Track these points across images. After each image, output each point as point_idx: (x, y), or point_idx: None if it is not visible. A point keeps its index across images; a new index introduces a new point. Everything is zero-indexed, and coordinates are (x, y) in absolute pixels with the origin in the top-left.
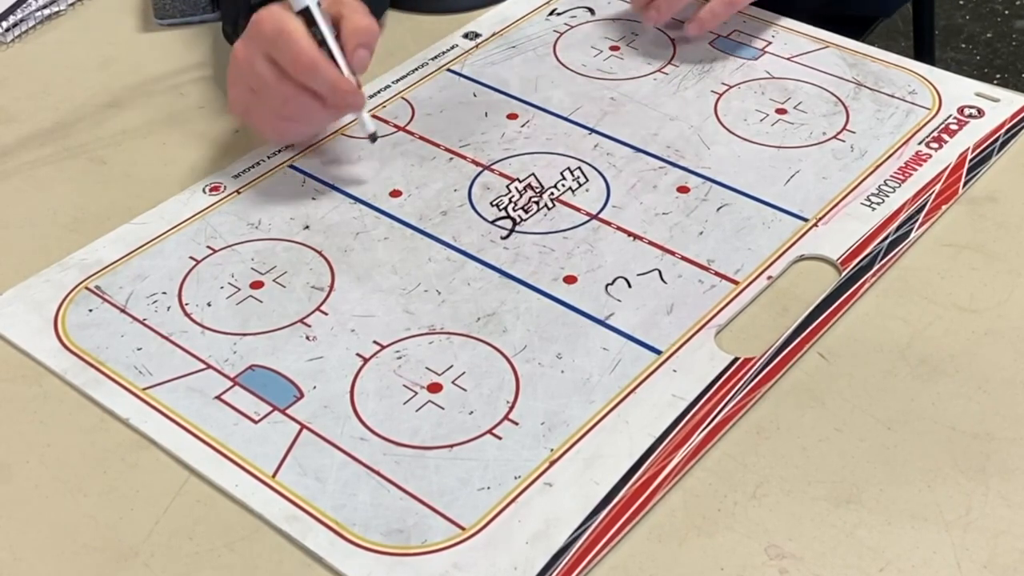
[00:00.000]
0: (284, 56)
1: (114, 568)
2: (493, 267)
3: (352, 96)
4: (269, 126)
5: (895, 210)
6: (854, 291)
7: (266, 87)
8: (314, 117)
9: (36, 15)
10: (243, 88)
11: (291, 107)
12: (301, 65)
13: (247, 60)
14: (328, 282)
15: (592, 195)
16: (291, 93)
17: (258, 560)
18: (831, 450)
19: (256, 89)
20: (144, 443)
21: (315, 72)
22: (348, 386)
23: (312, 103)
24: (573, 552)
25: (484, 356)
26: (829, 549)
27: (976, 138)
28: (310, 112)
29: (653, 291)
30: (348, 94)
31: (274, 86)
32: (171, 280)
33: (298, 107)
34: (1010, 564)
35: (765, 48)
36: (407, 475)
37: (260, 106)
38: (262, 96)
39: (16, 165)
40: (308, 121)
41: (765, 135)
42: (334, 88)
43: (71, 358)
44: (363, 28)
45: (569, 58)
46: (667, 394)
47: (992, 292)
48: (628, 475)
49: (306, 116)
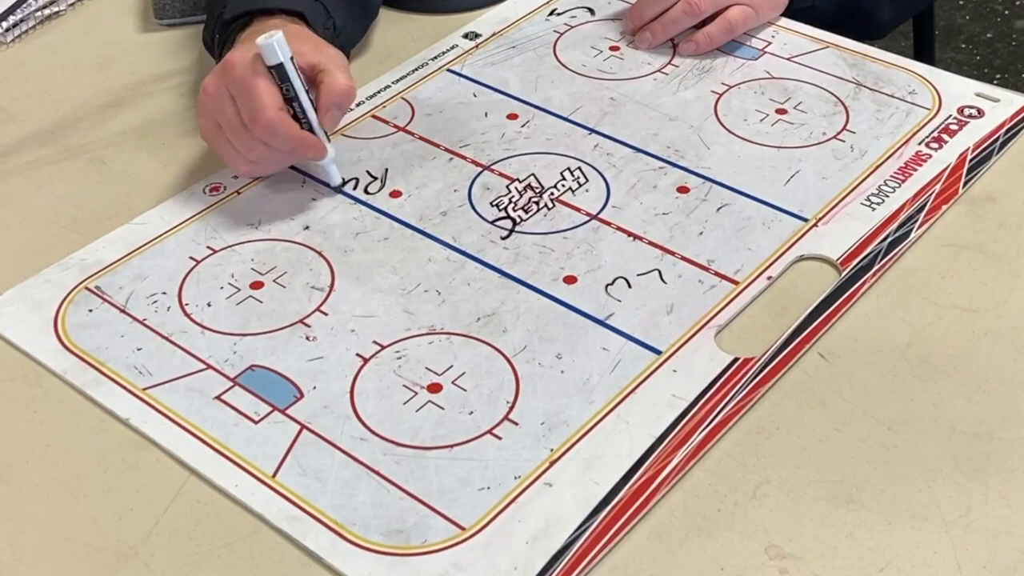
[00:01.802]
0: (246, 111)
1: (114, 568)
2: (493, 267)
3: (313, 152)
4: (233, 163)
5: (895, 210)
6: (854, 291)
7: (231, 130)
8: (274, 164)
9: (36, 15)
10: (211, 121)
11: (253, 154)
12: (260, 125)
13: (215, 98)
14: (328, 282)
15: (592, 195)
16: (253, 143)
17: (258, 560)
18: (831, 450)
19: (223, 127)
20: (144, 443)
21: (273, 134)
22: (348, 386)
23: (272, 153)
24: (573, 552)
25: (484, 356)
26: (829, 549)
27: (976, 138)
28: (270, 160)
29: (653, 291)
30: (309, 150)
31: (238, 132)
32: (171, 280)
33: (260, 155)
34: (1010, 564)
35: (765, 48)
36: (407, 475)
37: (225, 143)
38: (228, 135)
39: (16, 165)
40: (269, 167)
41: (765, 135)
42: (294, 147)
43: (71, 358)
44: (341, 90)
45: (569, 58)
46: (667, 394)
47: (992, 292)
48: (628, 475)
49: (267, 163)
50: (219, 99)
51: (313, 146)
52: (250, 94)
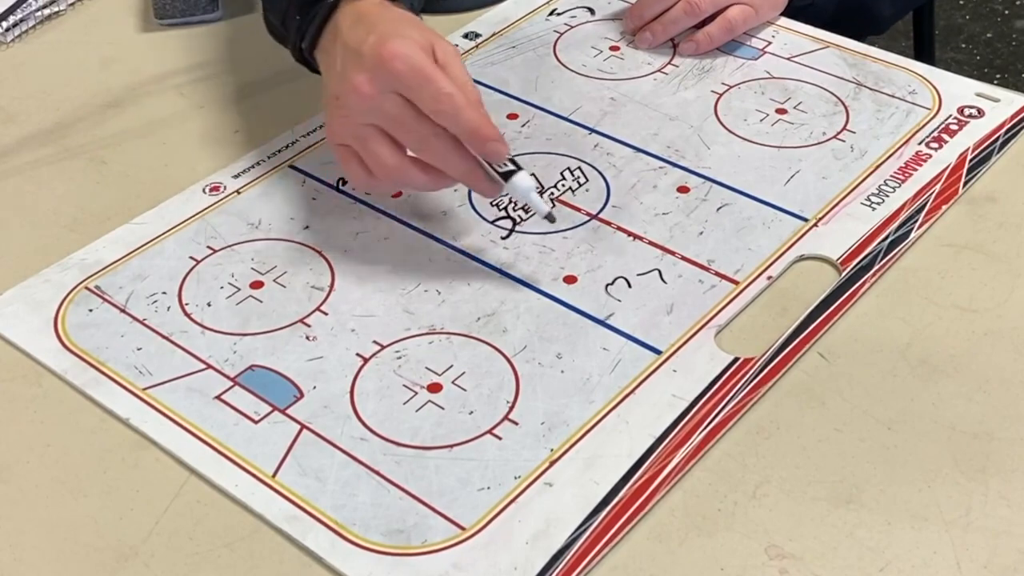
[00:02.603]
0: (425, 96)
1: (114, 568)
2: (493, 267)
3: (494, 144)
4: (392, 162)
5: (895, 210)
6: (854, 291)
7: (398, 125)
8: (449, 161)
9: (36, 15)
10: (358, 125)
11: (426, 148)
12: (444, 106)
13: (372, 96)
14: (328, 282)
15: (592, 195)
16: (429, 133)
17: (258, 560)
18: (831, 450)
19: (386, 127)
20: (144, 443)
21: (458, 115)
22: (348, 386)
23: (451, 145)
24: (573, 552)
25: (484, 356)
26: (829, 549)
27: (976, 138)
28: (446, 154)
29: (653, 291)
30: (490, 140)
31: (407, 125)
32: (171, 280)
33: (436, 149)
34: (1010, 564)
35: (765, 48)
36: (407, 475)
37: (383, 143)
38: (393, 133)
39: (16, 165)
40: (443, 164)
41: (765, 135)
42: (476, 132)
43: (71, 358)
44: (470, 83)
45: (569, 58)
46: (667, 394)
47: (992, 292)
48: (628, 475)
49: (442, 159)
50: (380, 96)
51: (491, 134)
52: (432, 78)
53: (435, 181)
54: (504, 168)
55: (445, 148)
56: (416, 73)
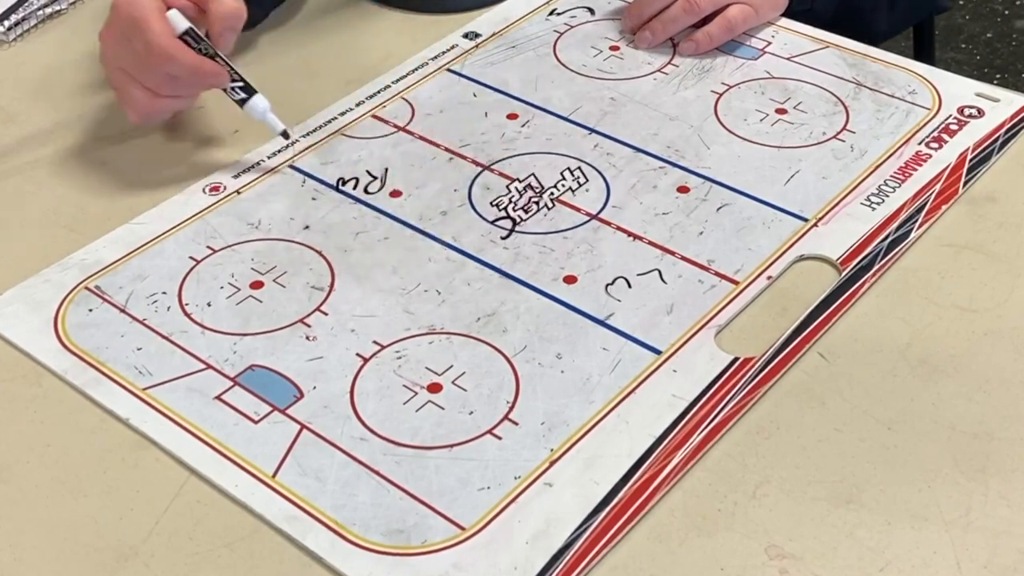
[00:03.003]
0: (141, 46)
1: (114, 568)
2: (493, 267)
3: (214, 77)
4: (142, 106)
5: (895, 210)
6: (854, 291)
7: (137, 68)
8: (185, 93)
9: (38, 14)
10: (114, 69)
11: (163, 88)
12: (156, 55)
13: (112, 43)
14: (328, 282)
15: (592, 195)
16: (159, 76)
17: (258, 560)
18: (831, 450)
19: (128, 71)
20: (144, 443)
21: (171, 60)
22: (348, 386)
23: (178, 82)
24: (573, 552)
25: (484, 356)
26: (829, 549)
27: (976, 138)
28: (178, 89)
29: (653, 291)
30: (209, 75)
31: (143, 68)
32: (171, 280)
33: (169, 87)
34: (1010, 564)
35: (765, 48)
36: (407, 475)
37: (133, 87)
38: (134, 75)
39: (16, 165)
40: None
41: (765, 135)
42: (193, 71)
43: (71, 358)
44: (228, 11)
45: (569, 58)
46: (667, 394)
47: (992, 292)
48: (628, 475)
49: (178, 92)
50: (116, 43)
51: (212, 71)
52: (143, 28)
53: (183, 102)
54: (238, 96)
55: (175, 83)
56: (132, 21)
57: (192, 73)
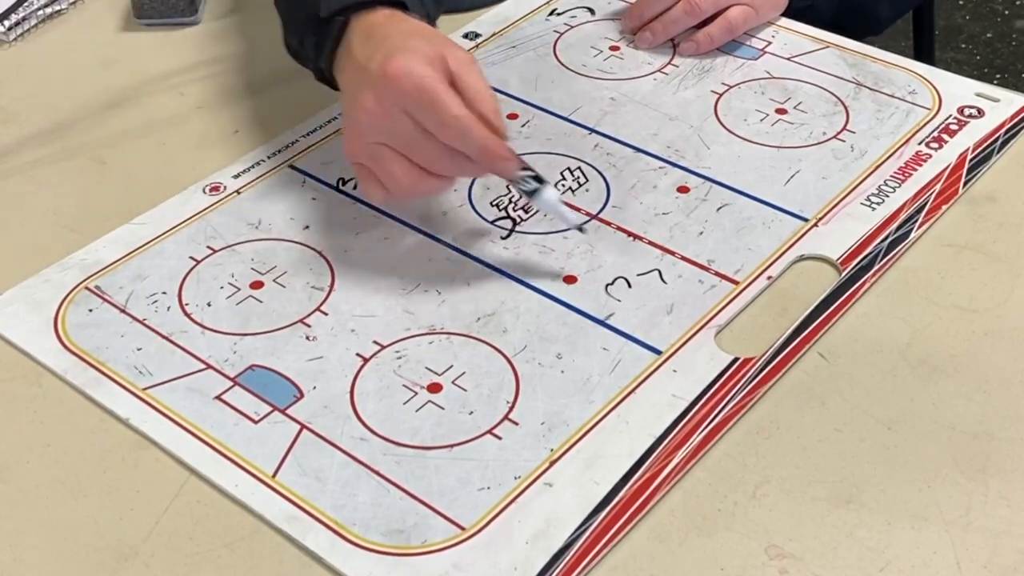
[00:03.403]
0: (431, 119)
1: (114, 568)
2: (493, 267)
3: (503, 161)
4: (407, 180)
5: (895, 210)
6: (854, 291)
7: (409, 145)
8: (464, 170)
9: (38, 14)
10: (371, 144)
11: (439, 166)
12: (451, 130)
13: (382, 116)
14: (328, 282)
15: (592, 195)
16: (440, 152)
17: (258, 560)
18: (831, 450)
19: (396, 147)
20: (144, 443)
21: (465, 135)
22: (348, 386)
23: (464, 160)
24: (573, 552)
25: (484, 356)
26: (829, 549)
27: (976, 138)
28: (460, 167)
29: (653, 291)
30: (499, 159)
31: (420, 145)
32: (171, 280)
33: (448, 165)
34: (1010, 564)
35: (765, 48)
36: (407, 475)
37: (396, 161)
38: (405, 152)
39: (16, 165)
40: (457, 176)
41: (765, 135)
42: (485, 151)
43: (71, 358)
44: (486, 92)
45: (569, 58)
46: (667, 394)
47: (992, 292)
48: (628, 475)
49: (457, 171)
50: (388, 116)
51: (505, 155)
52: (437, 100)
53: (451, 183)
54: (528, 187)
55: (457, 162)
56: (421, 93)
57: (483, 152)
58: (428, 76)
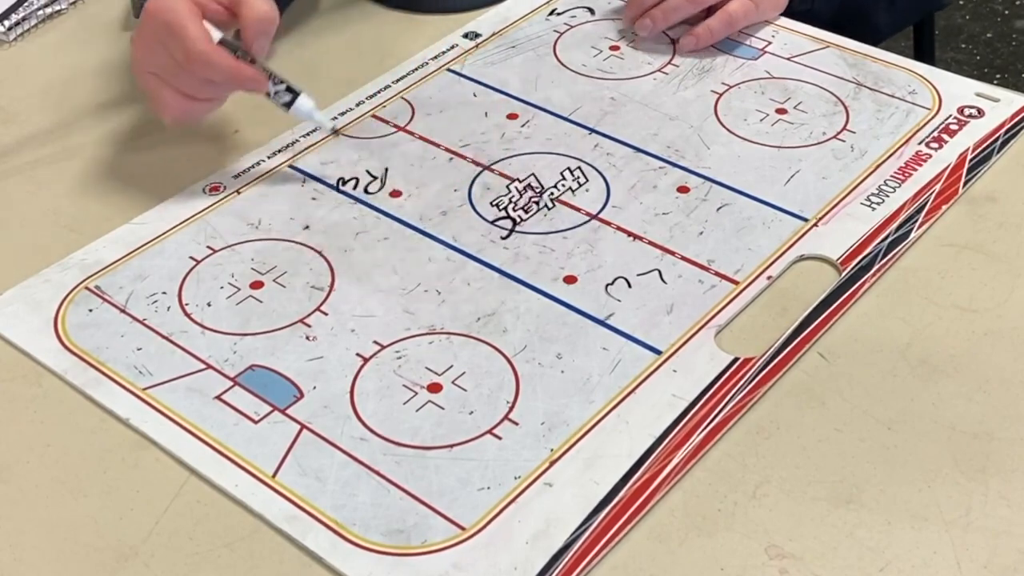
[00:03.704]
0: (179, 51)
1: (114, 568)
2: (493, 267)
3: (252, 82)
4: (174, 109)
5: (895, 210)
6: (854, 291)
7: (170, 74)
8: (219, 95)
9: (38, 14)
10: (145, 74)
11: (200, 92)
12: (194, 60)
13: (145, 48)
14: (328, 282)
15: (592, 195)
16: (194, 81)
17: (258, 560)
18: (831, 450)
19: (161, 76)
20: (144, 443)
21: (209, 65)
22: (348, 386)
23: (215, 86)
24: (573, 552)
25: (484, 356)
26: (829, 549)
27: (976, 138)
28: (214, 92)
29: (653, 291)
30: (247, 80)
31: (177, 73)
32: (171, 280)
33: (206, 91)
34: (1010, 564)
35: (765, 48)
36: (407, 475)
37: (166, 90)
38: (169, 81)
39: (16, 165)
40: (215, 99)
41: (765, 135)
42: (232, 76)
43: (71, 358)
44: (260, 16)
45: (569, 58)
46: (667, 394)
47: (992, 292)
48: (628, 475)
49: (215, 94)
50: (149, 48)
51: (251, 76)
52: (179, 34)
53: (218, 103)
54: (284, 99)
55: (214, 87)
56: (169, 28)
57: (231, 78)
58: (176, 11)
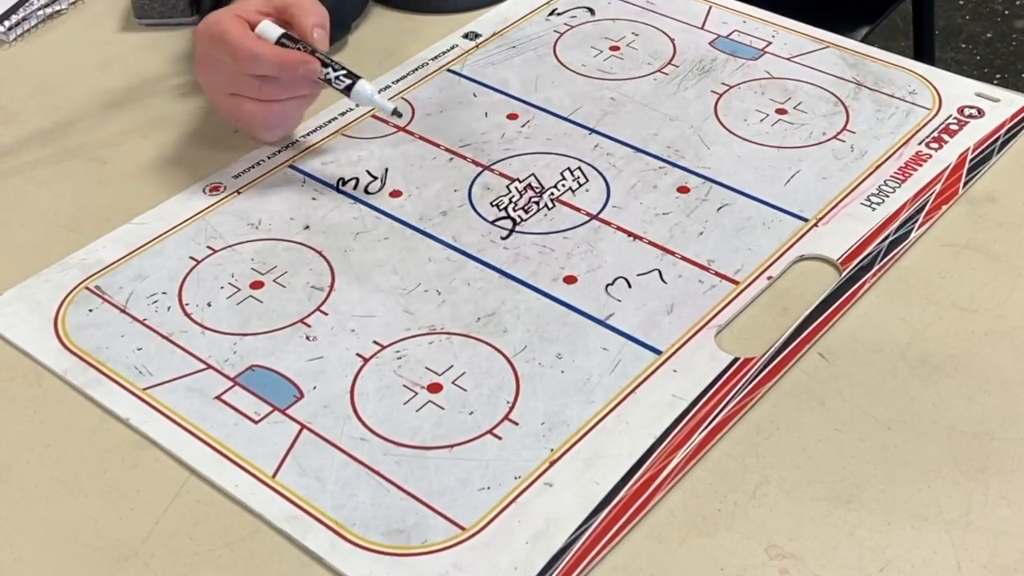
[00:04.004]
0: (225, 57)
1: (114, 568)
2: (493, 267)
3: (302, 65)
4: (259, 120)
5: (895, 210)
6: (854, 291)
7: (236, 85)
8: (288, 92)
9: (38, 14)
10: (222, 95)
11: (267, 92)
12: (241, 59)
13: (205, 71)
14: (328, 282)
15: (592, 195)
16: (256, 82)
17: (258, 560)
18: (831, 450)
19: (232, 91)
20: (144, 443)
21: (256, 60)
22: (348, 386)
23: (276, 82)
24: (573, 552)
25: (484, 356)
26: (829, 549)
27: (976, 138)
28: (279, 90)
29: (653, 291)
30: (297, 64)
31: (240, 81)
32: (171, 280)
33: (272, 91)
34: (1010, 564)
35: (765, 48)
36: (407, 475)
37: (240, 101)
38: (239, 92)
39: (16, 165)
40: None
41: (765, 135)
42: (281, 65)
43: (71, 358)
44: (311, 10)
45: (569, 58)
46: (667, 394)
47: (992, 292)
48: (628, 475)
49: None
50: (210, 68)
51: (298, 59)
52: (223, 39)
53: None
54: (343, 84)
55: (278, 84)
56: (212, 38)
57: (279, 66)
58: (219, 23)
